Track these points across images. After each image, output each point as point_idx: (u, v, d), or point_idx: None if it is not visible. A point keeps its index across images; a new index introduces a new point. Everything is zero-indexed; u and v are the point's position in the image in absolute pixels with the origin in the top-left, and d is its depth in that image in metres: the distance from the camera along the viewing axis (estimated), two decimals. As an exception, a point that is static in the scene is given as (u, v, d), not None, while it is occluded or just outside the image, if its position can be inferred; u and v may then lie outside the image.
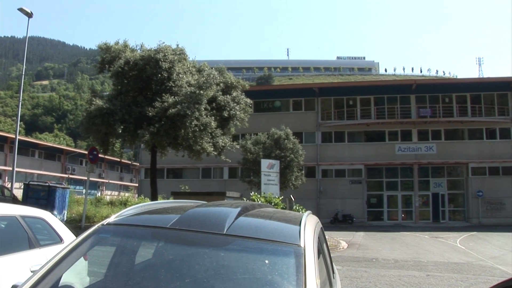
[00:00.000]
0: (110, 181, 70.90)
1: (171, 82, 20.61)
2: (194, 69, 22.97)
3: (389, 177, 43.94)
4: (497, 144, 42.51)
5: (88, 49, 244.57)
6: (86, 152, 32.77)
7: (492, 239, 27.56)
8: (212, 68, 23.71)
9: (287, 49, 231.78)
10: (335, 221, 40.06)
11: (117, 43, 22.30)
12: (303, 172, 35.80)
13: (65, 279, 2.70)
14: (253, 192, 19.91)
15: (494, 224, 38.68)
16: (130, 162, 71.64)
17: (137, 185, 57.29)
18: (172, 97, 19.82)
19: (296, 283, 2.44)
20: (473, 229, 34.37)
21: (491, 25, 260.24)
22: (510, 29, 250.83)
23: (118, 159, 34.98)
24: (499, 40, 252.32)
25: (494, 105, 43.24)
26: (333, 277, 3.96)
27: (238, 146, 27.57)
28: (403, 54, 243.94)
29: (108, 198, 33.36)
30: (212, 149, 21.74)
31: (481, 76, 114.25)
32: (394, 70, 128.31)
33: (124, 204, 27.43)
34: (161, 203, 3.91)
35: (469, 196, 41.99)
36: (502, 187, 41.43)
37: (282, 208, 17.65)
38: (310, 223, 3.18)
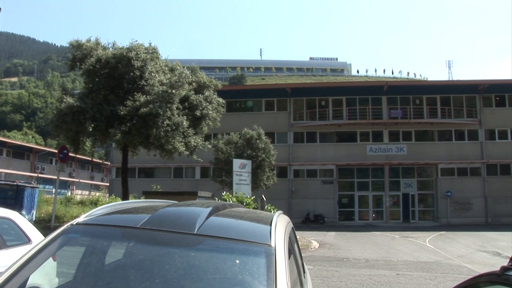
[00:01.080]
0: (80, 181, 70.03)
1: (143, 81, 20.43)
2: (166, 68, 22.79)
3: (360, 177, 44.32)
4: (466, 145, 43.24)
5: (59, 46, 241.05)
6: (56, 151, 32.33)
7: (460, 238, 27.98)
8: (184, 67, 23.57)
9: (260, 49, 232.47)
10: (306, 221, 40.22)
11: (88, 40, 22.01)
12: (275, 172, 35.92)
13: (33, 280, 2.65)
14: (224, 192, 19.90)
15: (462, 224, 39.33)
16: (101, 161, 70.60)
17: (108, 184, 56.72)
18: (144, 96, 19.66)
19: (267, 283, 2.43)
20: (442, 229, 34.87)
21: (461, 28, 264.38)
22: (479, 33, 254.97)
23: (89, 158, 34.66)
24: (468, 43, 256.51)
25: (463, 107, 43.94)
26: (304, 277, 3.97)
27: (210, 146, 27.48)
28: (375, 55, 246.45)
29: (78, 197, 32.89)
30: (184, 148, 21.62)
31: (450, 79, 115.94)
32: (366, 71, 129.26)
33: (95, 203, 27.09)
34: (132, 202, 3.87)
35: (438, 196, 42.63)
36: (470, 188, 42.19)
37: (254, 208, 17.67)
38: (281, 223, 3.18)
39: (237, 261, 2.66)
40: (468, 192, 42.21)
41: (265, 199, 20.38)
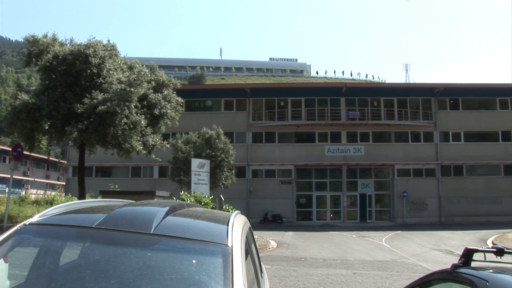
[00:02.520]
0: (35, 179, 68.54)
1: (101, 79, 20.09)
2: (125, 66, 22.46)
3: (318, 177, 44.67)
4: (421, 147, 44.13)
5: (14, 41, 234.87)
6: (9, 149, 31.54)
7: (415, 237, 28.52)
8: (143, 65, 23.29)
9: (220, 49, 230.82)
10: (265, 221, 40.31)
11: (45, 36, 21.52)
12: (234, 172, 35.86)
13: (-18, 282, 2.59)
14: (183, 192, 19.79)
15: (417, 223, 40.12)
16: (57, 160, 69.52)
17: (64, 183, 55.62)
18: (102, 94, 19.34)
19: (224, 283, 2.43)
20: (398, 228, 35.45)
21: (418, 32, 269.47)
22: (435, 37, 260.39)
23: (45, 157, 33.90)
24: (425, 47, 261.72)
25: (419, 110, 44.81)
26: (261, 277, 3.98)
27: (168, 145, 27.26)
28: (335, 57, 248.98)
29: (33, 197, 32.18)
30: (142, 147, 21.39)
31: (407, 82, 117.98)
32: (326, 72, 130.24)
33: (50, 203, 26.55)
34: (88, 202, 3.81)
35: (394, 196, 43.36)
36: (425, 188, 43.09)
37: (212, 208, 17.63)
38: (238, 223, 3.18)
39: (194, 261, 2.65)
40: (423, 192, 43.11)
41: (223, 199, 20.36)
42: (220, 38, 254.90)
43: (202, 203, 17.54)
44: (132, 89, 19.60)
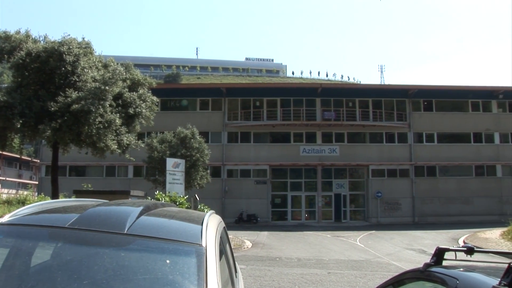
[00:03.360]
0: (7, 179, 67.42)
1: (75, 77, 19.89)
2: (100, 64, 22.27)
3: (293, 177, 44.79)
4: (396, 147, 44.56)
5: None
6: (-20, 148, 31.06)
7: (389, 237, 28.79)
8: (118, 64, 23.10)
9: (196, 48, 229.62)
10: (239, 220, 40.30)
11: (18, 32, 21.21)
12: (209, 171, 35.79)
13: (-51, 285, 2.53)
14: (158, 191, 19.68)
15: (391, 223, 40.50)
16: (30, 159, 68.58)
17: (37, 183, 54.88)
18: (76, 92, 19.16)
19: (198, 283, 2.42)
20: (372, 228, 35.75)
21: (393, 34, 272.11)
22: (410, 39, 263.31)
23: (17, 155, 33.42)
24: (400, 49, 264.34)
25: (394, 111, 45.23)
26: (236, 276, 3.97)
27: (143, 145, 27.10)
28: (311, 58, 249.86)
29: (4, 196, 31.77)
30: (117, 146, 21.24)
31: (382, 83, 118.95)
32: (301, 73, 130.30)
33: (22, 203, 26.26)
34: (61, 201, 3.76)
35: (369, 196, 43.70)
36: (399, 188, 43.53)
37: (187, 208, 17.56)
38: (212, 223, 3.17)
39: (168, 261, 2.64)
40: (397, 192, 43.55)
41: (198, 199, 20.32)
42: (196, 37, 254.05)
43: (177, 203, 17.47)
44: (107, 88, 19.45)
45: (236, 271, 4.15)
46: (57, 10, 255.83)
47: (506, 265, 2.25)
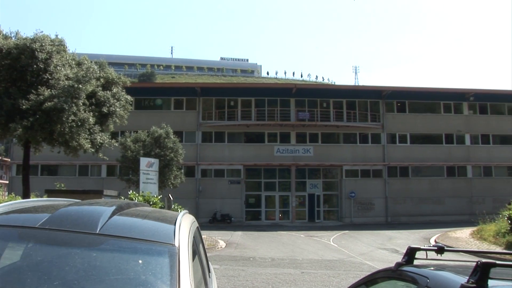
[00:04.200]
0: (-24, 178, 66.48)
1: (47, 74, 19.61)
2: (73, 62, 21.98)
3: (267, 177, 44.86)
4: (369, 148, 44.93)
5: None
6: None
7: (362, 237, 29.02)
8: (92, 62, 22.86)
9: (171, 47, 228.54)
10: (213, 220, 40.23)
11: (-13, 28, 20.82)
12: (183, 171, 35.66)
13: None
14: (131, 191, 19.56)
15: (364, 223, 40.84)
16: (0, 158, 67.56)
17: (7, 182, 54.07)
18: (49, 90, 18.89)
19: (170, 283, 2.41)
20: (346, 228, 35.98)
21: (367, 36, 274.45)
22: (384, 41, 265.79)
23: (-13, 154, 32.81)
24: (373, 51, 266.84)
25: (367, 112, 45.61)
26: (209, 276, 3.96)
27: (117, 144, 26.85)
28: (285, 58, 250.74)
29: (-27, 196, 31.21)
30: (90, 145, 21.02)
31: (356, 84, 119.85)
32: (276, 73, 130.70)
33: (-8, 202, 25.78)
34: (32, 201, 3.70)
35: (342, 196, 43.98)
36: (372, 189, 43.91)
37: (160, 208, 17.48)
38: (185, 223, 3.16)
39: (140, 261, 2.62)
40: (370, 193, 43.92)
41: (172, 199, 20.24)
42: (171, 36, 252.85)
43: (151, 203, 17.41)
44: (80, 86, 19.22)
45: (209, 271, 4.14)
46: (29, 6, 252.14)
47: (475, 264, 2.30)
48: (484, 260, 2.26)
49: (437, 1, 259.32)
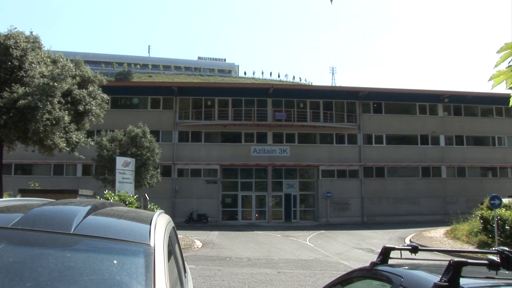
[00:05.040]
0: None
1: (22, 72, 19.36)
2: (48, 60, 21.74)
3: (244, 177, 44.86)
4: (345, 148, 45.21)
5: None
6: None
7: (338, 236, 29.19)
8: (68, 59, 22.64)
9: (149, 46, 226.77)
10: (190, 220, 40.10)
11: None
12: (159, 170, 35.45)
13: None
14: (107, 190, 19.41)
15: (340, 223, 41.05)
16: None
17: (-21, 181, 53.19)
18: (23, 87, 18.65)
19: (145, 283, 2.39)
20: (322, 228, 36.14)
21: (345, 37, 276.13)
22: (361, 42, 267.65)
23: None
24: (351, 52, 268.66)
25: (344, 112, 45.89)
26: (185, 276, 3.95)
27: (93, 143, 26.63)
28: (263, 58, 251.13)
29: None
30: (65, 144, 20.83)
31: (333, 85, 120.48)
32: (253, 73, 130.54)
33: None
34: (4, 201, 3.64)
35: (319, 197, 44.15)
36: (348, 189, 44.19)
37: (137, 207, 17.38)
38: (161, 222, 3.15)
39: (115, 261, 2.59)
40: (346, 193, 44.19)
41: (148, 198, 20.11)
42: (148, 35, 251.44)
43: (127, 202, 17.31)
44: (55, 84, 19.02)
45: (185, 271, 4.13)
46: (1, 1, 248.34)
47: (447, 263, 2.33)
48: (456, 259, 2.30)
49: (413, 3, 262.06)
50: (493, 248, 2.88)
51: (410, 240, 26.58)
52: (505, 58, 2.66)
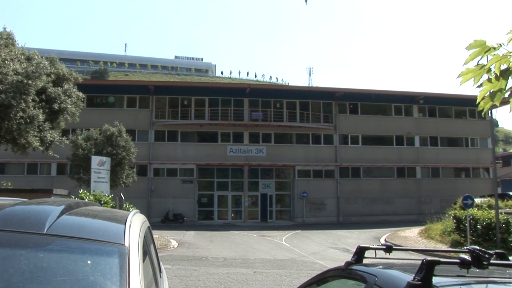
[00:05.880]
0: None
1: (-5, 69, 19.08)
2: (22, 57, 21.40)
3: (220, 177, 44.80)
4: (321, 149, 45.42)
5: None
6: None
7: (314, 236, 29.31)
8: (43, 57, 22.33)
9: (125, 44, 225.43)
10: (166, 220, 39.92)
11: None
12: (135, 170, 35.20)
13: None
14: (82, 190, 19.23)
15: (316, 223, 41.26)
16: None
17: (-49, 180, 52.28)
18: (-4, 85, 18.38)
19: (120, 284, 2.37)
20: (298, 228, 36.26)
21: (321, 38, 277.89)
22: (337, 44, 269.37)
23: None
24: (327, 53, 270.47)
25: (320, 113, 46.08)
26: (160, 277, 3.93)
27: (68, 142, 26.35)
28: (240, 58, 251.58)
29: None
30: (39, 143, 20.56)
31: (310, 85, 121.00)
32: (230, 73, 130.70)
33: None
34: (-24, 201, 3.58)
35: (295, 197, 44.30)
36: (324, 189, 44.41)
37: (112, 207, 17.25)
38: (136, 222, 3.13)
39: (89, 262, 2.56)
40: (322, 193, 44.40)
41: (123, 198, 19.97)
42: (125, 33, 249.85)
43: (102, 202, 17.17)
44: (29, 82, 18.74)
45: (160, 271, 4.11)
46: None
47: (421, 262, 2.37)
48: (429, 258, 2.33)
49: (388, 5, 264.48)
50: (465, 247, 2.93)
51: (385, 240, 26.85)
52: (474, 57, 2.69)
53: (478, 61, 2.70)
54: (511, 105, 2.66)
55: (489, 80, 2.71)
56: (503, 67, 2.63)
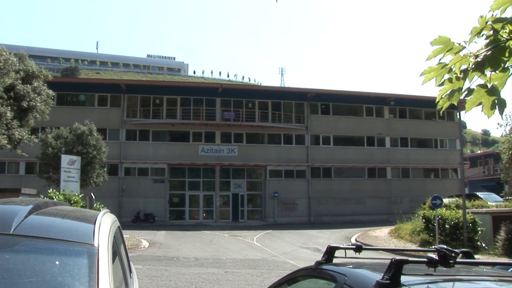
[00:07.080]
0: None
1: (-39, 66, 18.73)
2: (-10, 54, 21.10)
3: (192, 177, 44.65)
4: (293, 149, 45.60)
5: None
6: None
7: (285, 236, 29.40)
8: (11, 53, 21.99)
9: (97, 42, 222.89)
10: (137, 220, 39.62)
11: None
12: (106, 169, 34.85)
13: None
14: (51, 189, 18.99)
15: (287, 223, 41.39)
16: None
17: None
18: (-38, 82, 18.05)
19: (88, 284, 2.35)
20: (269, 228, 36.32)
21: (294, 40, 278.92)
22: (309, 46, 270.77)
23: None
24: (300, 54, 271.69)
25: (292, 113, 46.27)
26: (130, 277, 3.90)
27: (37, 140, 25.99)
28: (212, 58, 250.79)
29: None
30: (7, 141, 20.26)
31: (282, 86, 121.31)
32: (203, 72, 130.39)
33: None
34: None
35: (266, 196, 44.37)
36: (295, 189, 44.59)
37: (82, 207, 17.07)
38: (105, 222, 3.10)
39: (57, 262, 2.53)
40: (293, 193, 44.57)
41: (94, 197, 19.79)
42: (97, 31, 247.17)
43: (72, 202, 16.98)
44: (-3, 79, 18.46)
45: (130, 272, 4.08)
46: None
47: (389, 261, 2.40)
48: (398, 257, 2.36)
49: (360, 6, 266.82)
50: (433, 247, 2.98)
51: (355, 240, 27.09)
52: (436, 54, 2.69)
53: (440, 59, 2.71)
54: (467, 106, 2.68)
55: (450, 80, 2.73)
56: (463, 67, 2.66)
